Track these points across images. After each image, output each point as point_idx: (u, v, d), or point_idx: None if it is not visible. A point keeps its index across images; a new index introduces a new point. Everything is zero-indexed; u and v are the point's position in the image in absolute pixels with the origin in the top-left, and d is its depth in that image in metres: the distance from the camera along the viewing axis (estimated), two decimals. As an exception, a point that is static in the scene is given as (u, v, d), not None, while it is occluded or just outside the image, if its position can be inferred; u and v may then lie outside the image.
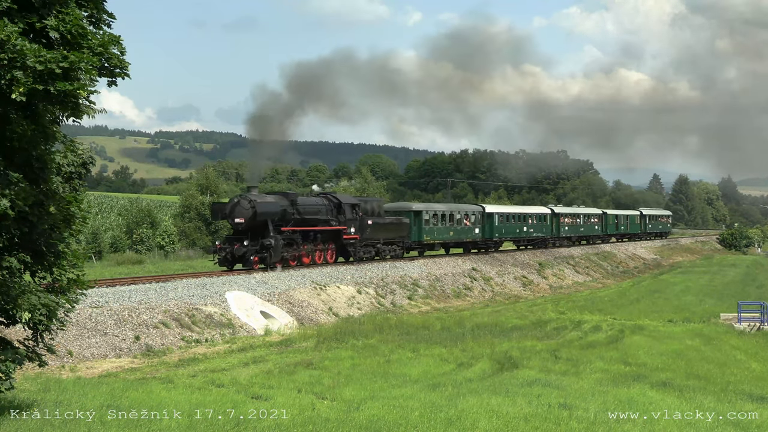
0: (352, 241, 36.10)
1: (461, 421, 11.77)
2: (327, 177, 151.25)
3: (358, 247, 36.66)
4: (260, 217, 30.52)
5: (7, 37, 8.80)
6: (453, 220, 45.67)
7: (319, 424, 11.39)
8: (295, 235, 32.44)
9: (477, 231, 48.28)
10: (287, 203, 32.21)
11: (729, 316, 29.66)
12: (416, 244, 42.48)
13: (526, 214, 55.77)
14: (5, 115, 9.37)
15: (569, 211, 65.39)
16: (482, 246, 49.93)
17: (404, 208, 43.89)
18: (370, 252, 37.96)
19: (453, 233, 45.58)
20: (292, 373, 17.06)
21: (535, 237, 56.59)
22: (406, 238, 40.94)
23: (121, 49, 10.13)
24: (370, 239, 37.53)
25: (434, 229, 43.50)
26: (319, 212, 34.21)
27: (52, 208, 10.28)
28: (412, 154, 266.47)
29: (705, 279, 54.16)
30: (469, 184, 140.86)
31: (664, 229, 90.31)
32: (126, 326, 20.66)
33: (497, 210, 52.13)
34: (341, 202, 35.59)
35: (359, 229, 36.38)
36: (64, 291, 10.96)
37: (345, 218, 35.37)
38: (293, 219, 32.32)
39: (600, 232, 69.25)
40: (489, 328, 25.91)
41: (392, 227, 39.76)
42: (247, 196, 31.06)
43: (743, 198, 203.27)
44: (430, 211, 43.68)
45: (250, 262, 30.20)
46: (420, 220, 42.20)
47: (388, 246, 39.42)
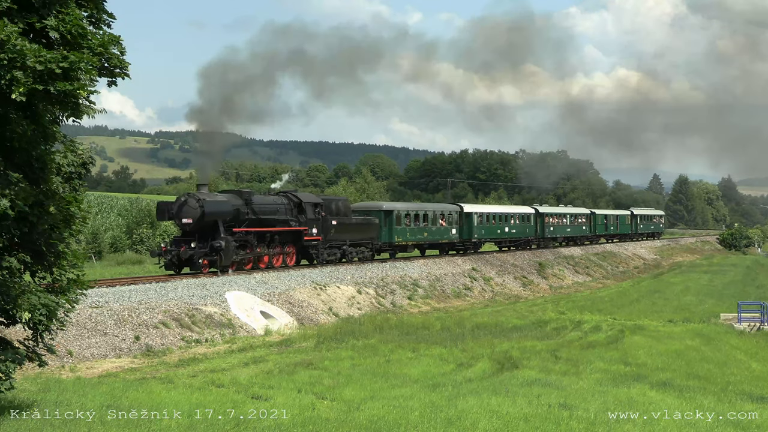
0: (314, 243, 34.00)
1: (461, 421, 11.77)
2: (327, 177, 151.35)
3: (321, 249, 34.49)
4: (209, 217, 28.56)
5: (7, 37, 8.80)
6: (427, 220, 43.41)
7: (319, 424, 11.39)
8: (249, 236, 30.32)
9: (454, 232, 46.14)
10: (241, 202, 30.30)
11: (729, 316, 29.65)
12: (387, 245, 40.40)
13: (507, 214, 53.56)
14: (5, 115, 9.38)
15: (555, 210, 62.88)
16: (460, 248, 47.63)
17: (373, 207, 41.85)
18: (336, 254, 35.81)
19: (427, 234, 43.35)
20: (292, 373, 17.06)
21: (517, 238, 54.23)
22: (376, 239, 38.88)
23: (121, 49, 10.15)
24: (335, 240, 35.49)
25: (406, 229, 41.35)
26: (277, 212, 32.23)
27: (52, 208, 10.28)
28: (412, 154, 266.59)
29: (705, 279, 54.14)
30: (469, 184, 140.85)
31: (656, 229, 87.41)
32: (126, 326, 20.66)
33: (476, 210, 49.84)
34: (302, 201, 33.65)
35: (322, 229, 34.39)
36: (64, 291, 10.97)
37: (306, 218, 33.41)
38: (248, 219, 30.34)
39: (588, 232, 66.69)
40: (489, 328, 25.91)
41: (359, 228, 37.68)
42: (195, 194, 29.05)
43: (743, 198, 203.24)
44: (402, 211, 41.59)
45: (197, 266, 28.16)
46: (391, 220, 40.00)
47: (356, 248, 37.43)
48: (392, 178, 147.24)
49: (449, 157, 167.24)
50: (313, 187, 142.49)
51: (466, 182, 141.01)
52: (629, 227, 77.42)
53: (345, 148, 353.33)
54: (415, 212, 43.03)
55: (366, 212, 40.33)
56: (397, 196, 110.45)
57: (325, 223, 34.48)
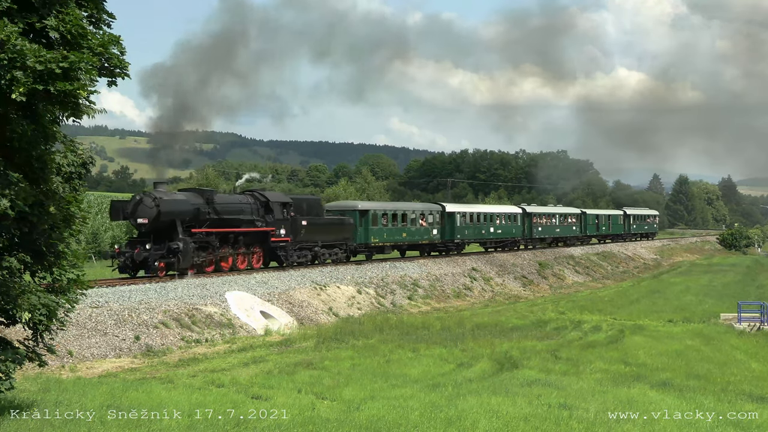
0: (282, 244, 32.40)
1: (461, 421, 11.77)
2: (327, 177, 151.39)
3: (290, 251, 32.85)
4: (166, 216, 26.93)
5: (7, 37, 8.80)
6: (406, 221, 41.96)
7: (319, 424, 11.39)
8: (210, 237, 28.60)
9: (435, 232, 44.63)
10: (201, 201, 28.63)
11: (729, 316, 29.64)
12: (363, 246, 39.01)
13: (492, 214, 52.10)
14: (5, 115, 9.38)
15: (543, 210, 61.09)
16: (441, 249, 46.08)
17: (348, 207, 40.61)
18: (306, 256, 34.19)
19: (406, 234, 41.91)
20: (292, 373, 17.06)
21: (503, 239, 52.66)
22: (350, 240, 37.49)
23: (120, 49, 10.14)
24: (306, 241, 33.87)
25: (383, 230, 39.89)
26: (241, 212, 30.64)
27: (52, 208, 10.28)
28: (412, 154, 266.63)
29: (705, 279, 54.12)
30: (469, 184, 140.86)
31: (650, 229, 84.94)
32: (126, 326, 20.66)
33: (459, 209, 48.28)
34: (269, 201, 32.05)
35: (291, 230, 32.80)
36: (64, 291, 10.97)
37: (274, 218, 31.85)
38: (209, 219, 28.71)
39: (578, 233, 64.88)
40: (489, 328, 25.91)
41: (332, 228, 36.20)
42: (152, 193, 27.29)
43: (743, 198, 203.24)
44: (379, 211, 40.19)
45: (153, 269, 26.48)
46: (366, 220, 38.76)
47: (329, 249, 35.82)
48: (392, 178, 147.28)
49: (449, 157, 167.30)
50: (313, 187, 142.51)
51: (466, 182, 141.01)
52: (622, 227, 75.62)
53: (345, 148, 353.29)
54: (393, 212, 41.65)
55: (341, 212, 39.14)
56: (397, 196, 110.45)
57: (294, 224, 32.99)
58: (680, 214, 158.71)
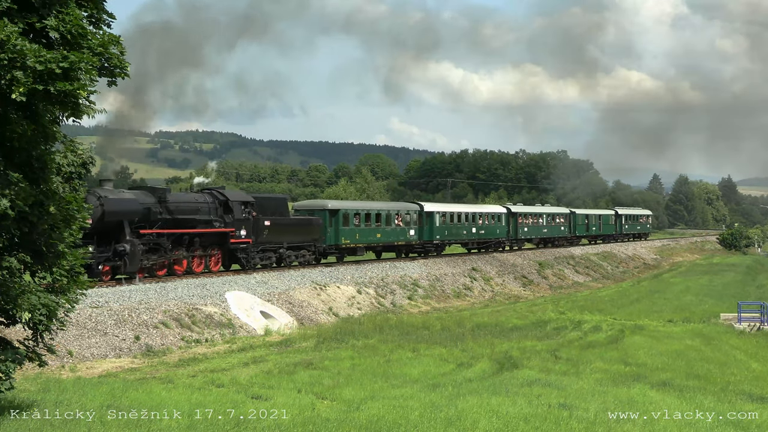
0: (243, 246, 30.57)
1: (461, 421, 11.77)
2: (327, 177, 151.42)
3: (251, 253, 31.06)
4: (111, 216, 24.88)
5: (7, 37, 8.80)
6: (380, 221, 40.19)
7: (319, 424, 11.39)
8: (161, 238, 26.70)
9: (412, 233, 42.81)
10: (152, 201, 26.88)
11: (729, 316, 29.64)
12: (333, 248, 37.22)
13: (475, 214, 50.06)
14: (5, 115, 9.37)
15: (529, 210, 58.99)
16: (419, 250, 44.17)
17: (318, 206, 38.73)
18: (270, 258, 32.40)
19: (381, 235, 40.12)
20: (292, 373, 17.06)
21: (486, 239, 50.78)
22: (319, 241, 35.59)
23: (120, 49, 10.13)
24: (269, 243, 32.09)
25: (356, 230, 38.17)
26: (197, 211, 28.68)
27: (52, 208, 10.28)
28: (412, 154, 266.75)
29: (705, 279, 54.13)
30: (469, 184, 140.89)
31: (642, 230, 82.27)
32: (126, 326, 20.66)
33: (438, 209, 46.37)
34: (228, 200, 30.18)
35: (253, 231, 31.03)
36: (64, 291, 10.97)
37: (234, 218, 30.01)
38: (161, 219, 26.98)
39: (567, 233, 62.86)
40: (489, 328, 25.92)
41: (299, 229, 34.36)
42: (97, 191, 25.09)
43: (743, 198, 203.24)
44: (350, 210, 38.57)
45: (96, 273, 24.02)
46: (337, 220, 37.10)
47: (296, 251, 33.92)
48: (392, 178, 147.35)
49: (449, 157, 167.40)
50: (313, 187, 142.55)
51: (466, 182, 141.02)
52: (613, 227, 73.42)
53: (345, 148, 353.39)
54: (366, 211, 40.02)
55: (310, 212, 37.65)
56: (397, 196, 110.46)
57: (256, 224, 31.20)
58: (680, 214, 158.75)
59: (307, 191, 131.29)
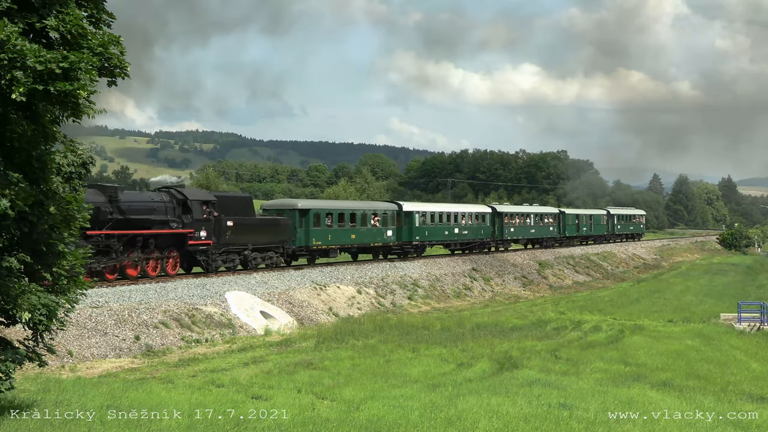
0: (203, 248, 28.68)
1: (461, 421, 11.77)
2: (327, 177, 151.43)
3: (213, 255, 29.27)
4: None
5: (7, 37, 8.80)
6: (355, 221, 38.37)
7: (319, 424, 11.39)
8: (111, 240, 24.87)
9: (390, 234, 40.79)
10: (102, 200, 25.04)
11: (729, 316, 29.65)
12: (303, 249, 35.29)
13: (458, 214, 48.00)
14: (5, 115, 9.37)
15: (516, 210, 56.78)
16: (398, 251, 42.12)
17: (287, 206, 36.82)
18: (234, 261, 30.61)
19: (355, 236, 38.27)
20: (292, 373, 17.06)
21: (470, 240, 48.76)
22: (288, 242, 33.75)
23: (120, 49, 10.13)
24: (232, 244, 30.24)
25: (328, 231, 36.35)
26: (152, 211, 26.93)
27: (52, 208, 10.28)
28: (412, 154, 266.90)
29: (705, 279, 54.16)
30: (469, 184, 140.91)
31: (636, 230, 79.44)
32: (126, 326, 20.67)
33: (418, 208, 44.54)
34: (187, 199, 28.32)
35: (214, 232, 29.19)
36: (64, 291, 10.96)
37: (193, 219, 28.17)
38: (112, 220, 25.21)
39: (556, 234, 60.71)
40: (489, 328, 25.92)
41: (265, 229, 32.45)
42: None
43: (743, 198, 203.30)
44: (322, 210, 36.69)
45: None
46: (307, 220, 35.14)
47: (262, 253, 32.07)
48: (392, 178, 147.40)
49: (449, 157, 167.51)
50: (313, 187, 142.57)
51: (466, 182, 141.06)
52: (605, 228, 70.94)
53: (345, 148, 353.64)
54: (340, 211, 38.07)
55: (278, 212, 35.85)
56: (397, 196, 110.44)
57: (218, 225, 29.37)
58: (680, 214, 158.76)
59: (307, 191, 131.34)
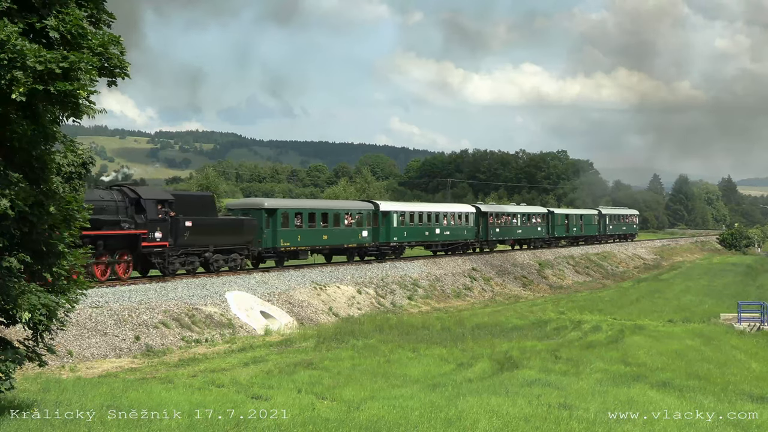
0: (158, 250, 26.85)
1: (461, 421, 11.77)
2: (327, 177, 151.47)
3: (169, 258, 27.38)
4: None
5: (7, 37, 8.80)
6: (327, 221, 36.49)
7: (319, 424, 11.39)
8: None
9: (365, 234, 39.05)
10: None
11: (729, 316, 29.66)
12: (271, 251, 33.38)
13: (439, 213, 46.15)
14: (5, 115, 9.37)
15: (502, 209, 54.92)
16: (374, 253, 40.32)
17: (253, 205, 35.00)
18: (193, 263, 28.69)
19: (328, 237, 36.41)
20: (292, 373, 17.06)
21: (453, 241, 46.95)
22: (253, 243, 31.85)
23: (121, 49, 10.13)
24: (192, 246, 28.33)
25: (297, 232, 34.42)
26: (101, 211, 24.92)
27: (52, 208, 10.28)
28: (412, 154, 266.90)
29: (705, 279, 54.16)
30: (469, 184, 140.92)
31: (629, 230, 77.16)
32: (126, 326, 20.67)
33: (396, 208, 42.76)
34: (141, 198, 26.53)
35: (171, 233, 27.28)
36: (64, 291, 10.96)
37: (146, 219, 26.39)
38: None
39: (545, 234, 58.73)
40: (489, 328, 25.92)
41: (228, 230, 30.59)
42: None
43: (743, 198, 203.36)
44: (291, 210, 34.83)
45: None
46: (275, 220, 33.17)
47: (225, 255, 30.19)
48: (392, 178, 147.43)
49: (449, 157, 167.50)
50: (313, 187, 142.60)
51: (466, 182, 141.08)
52: (596, 228, 68.63)
53: (345, 148, 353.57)
54: (310, 211, 36.22)
55: (244, 211, 34.11)
56: (397, 196, 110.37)
57: (175, 225, 27.46)
58: (680, 214, 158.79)
59: (307, 191, 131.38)
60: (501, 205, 62.83)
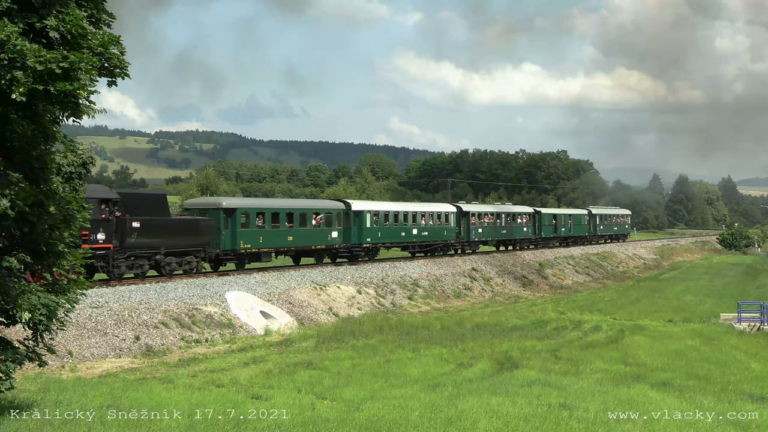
0: (100, 252, 25.11)
1: (461, 421, 11.77)
2: (327, 177, 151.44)
3: (115, 261, 25.63)
4: None
5: (7, 37, 8.80)
6: (293, 221, 34.70)
7: (319, 424, 11.39)
8: None
9: (335, 235, 37.10)
10: None
11: (729, 316, 29.64)
12: (231, 253, 31.44)
13: (416, 213, 43.96)
14: (5, 115, 9.37)
15: (484, 209, 52.74)
16: (345, 254, 38.44)
17: (210, 204, 32.92)
18: (142, 267, 26.95)
19: (293, 238, 34.52)
20: (292, 373, 17.06)
21: (431, 242, 44.91)
22: (210, 245, 30.08)
23: (121, 49, 10.13)
24: (141, 248, 26.65)
25: (259, 233, 32.43)
26: None
27: (52, 208, 10.28)
28: (412, 154, 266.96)
29: (705, 279, 54.16)
30: (469, 184, 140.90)
31: (620, 231, 74.88)
32: (126, 326, 20.67)
33: (370, 207, 40.97)
34: None
35: (116, 233, 25.61)
36: (64, 291, 10.97)
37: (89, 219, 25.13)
38: None
39: (531, 234, 56.92)
40: (489, 328, 25.92)
41: (181, 231, 28.65)
42: None
43: (743, 198, 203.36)
44: (252, 209, 32.84)
45: None
46: (234, 221, 31.31)
47: (178, 257, 28.52)
48: (392, 178, 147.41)
49: (449, 157, 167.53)
50: (313, 187, 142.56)
51: (466, 182, 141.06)
52: (586, 229, 66.58)
53: (345, 148, 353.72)
54: (273, 211, 34.11)
55: (201, 211, 31.97)
56: (397, 196, 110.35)
57: (120, 226, 25.76)
58: (680, 214, 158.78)
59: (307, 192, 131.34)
60: (483, 204, 61.12)
